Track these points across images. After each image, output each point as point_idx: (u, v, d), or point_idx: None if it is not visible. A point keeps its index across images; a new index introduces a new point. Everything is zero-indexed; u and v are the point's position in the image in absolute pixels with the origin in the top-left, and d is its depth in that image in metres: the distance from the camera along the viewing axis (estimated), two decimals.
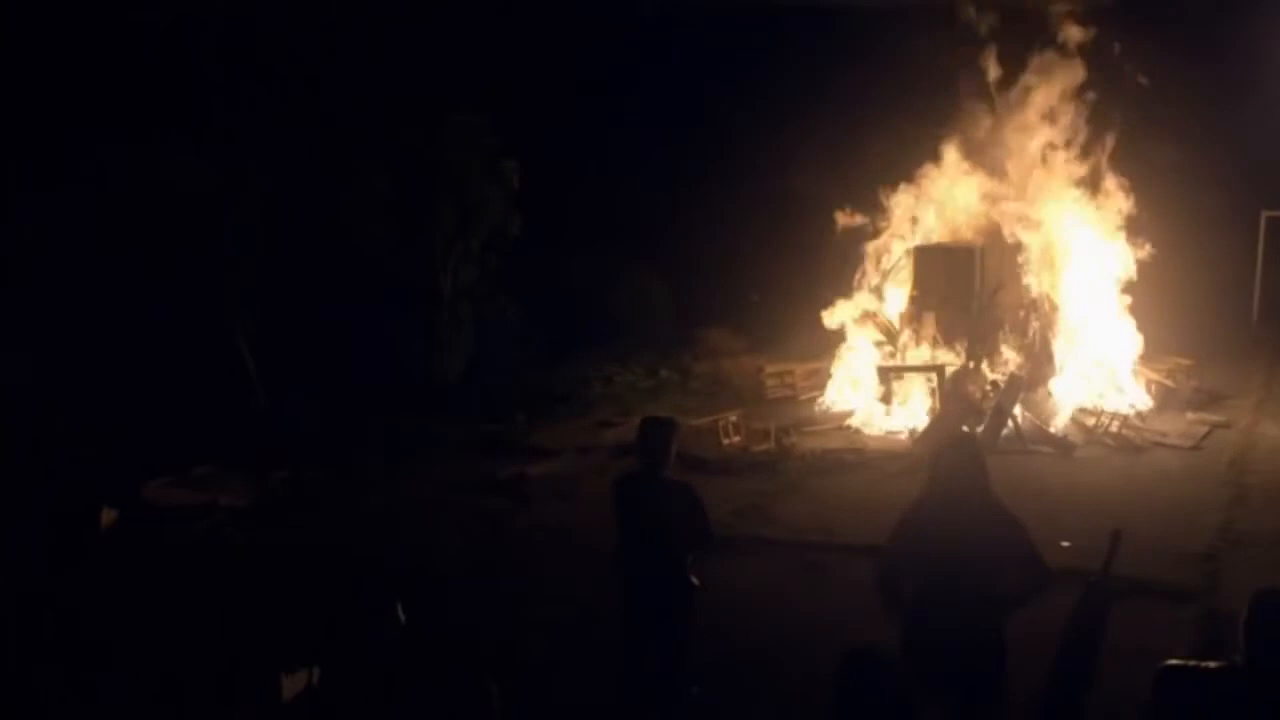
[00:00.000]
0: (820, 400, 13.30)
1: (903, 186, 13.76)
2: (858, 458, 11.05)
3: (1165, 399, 12.81)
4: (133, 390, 11.94)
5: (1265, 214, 19.53)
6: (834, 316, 13.62)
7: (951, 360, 12.13)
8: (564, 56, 18.49)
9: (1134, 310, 13.31)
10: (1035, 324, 12.40)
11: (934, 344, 12.46)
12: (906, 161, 13.90)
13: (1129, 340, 12.87)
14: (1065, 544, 8.56)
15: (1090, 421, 11.72)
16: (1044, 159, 13.44)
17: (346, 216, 13.93)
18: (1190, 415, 12.39)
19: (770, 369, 14.22)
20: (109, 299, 12.46)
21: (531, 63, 16.95)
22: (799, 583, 7.87)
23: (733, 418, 11.96)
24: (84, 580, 7.79)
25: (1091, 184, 13.42)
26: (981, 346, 12.16)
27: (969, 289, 12.46)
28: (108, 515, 9.07)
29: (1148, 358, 13.32)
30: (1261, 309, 19.34)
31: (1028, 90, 13.27)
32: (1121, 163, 13.72)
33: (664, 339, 17.37)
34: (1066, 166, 13.40)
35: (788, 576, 7.96)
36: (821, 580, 7.80)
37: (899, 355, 12.69)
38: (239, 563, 8.30)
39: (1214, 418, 12.30)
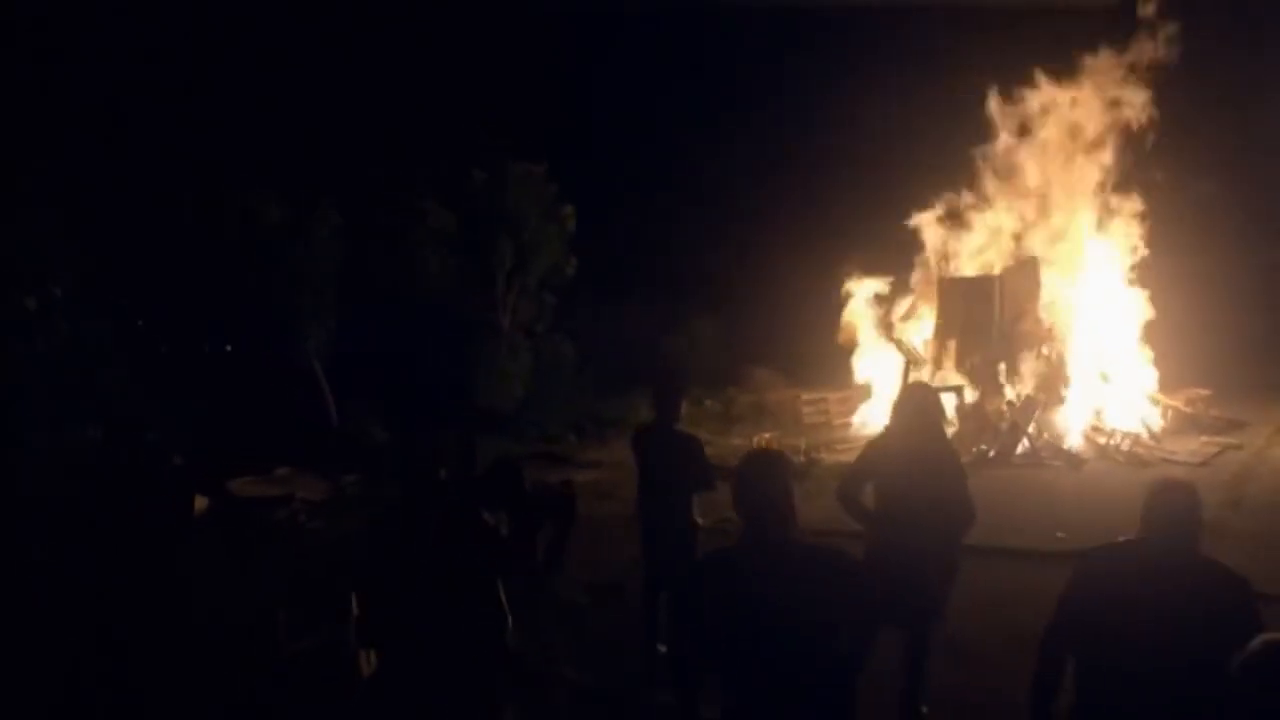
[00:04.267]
0: (851, 422, 14.14)
1: (929, 219, 14.63)
2: None
3: (1182, 424, 13.42)
4: (223, 407, 13.20)
5: None
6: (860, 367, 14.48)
7: (970, 382, 12.92)
8: (619, 112, 19.80)
9: (1163, 342, 13.94)
10: (1052, 349, 13.13)
11: (956, 367, 13.24)
12: (936, 188, 14.75)
13: (1145, 366, 13.52)
14: (1060, 535, 9.36)
15: (1102, 440, 12.40)
16: (1072, 189, 14.19)
17: (416, 253, 15.18)
18: (1204, 438, 12.99)
19: (806, 397, 15.10)
20: (204, 329, 13.80)
21: (588, 114, 18.26)
22: None
23: (766, 435, 12.87)
24: (183, 547, 8.90)
25: (1120, 214, 14.10)
26: (1000, 369, 12.92)
27: (989, 317, 13.26)
28: (200, 502, 10.21)
29: (1168, 387, 13.97)
30: None
31: (1059, 119, 14.09)
32: (1156, 193, 14.39)
33: (714, 376, 18.32)
34: (1095, 198, 14.13)
35: None
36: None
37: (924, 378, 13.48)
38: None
39: (1227, 440, 12.88)
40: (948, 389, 12.97)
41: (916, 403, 5.50)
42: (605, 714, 6.20)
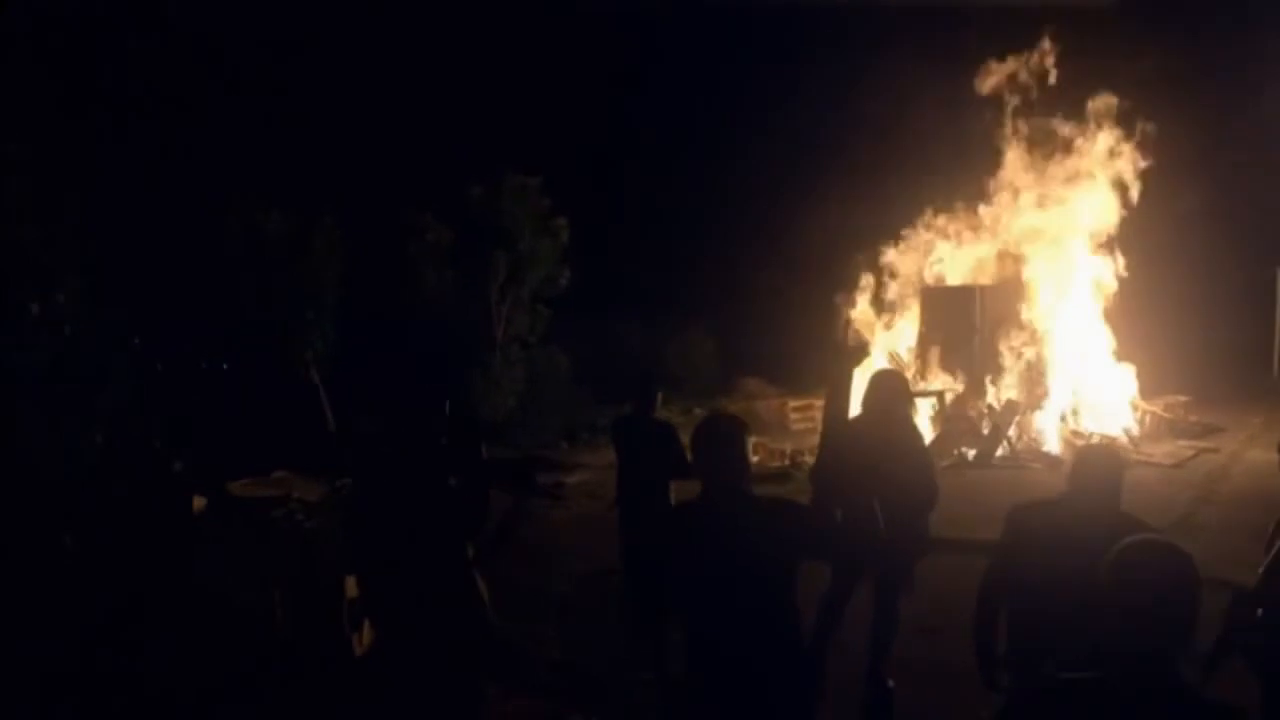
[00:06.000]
0: None
1: (912, 228, 14.97)
2: None
3: (1161, 428, 13.72)
4: (222, 416, 13.46)
5: None
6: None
7: (953, 386, 13.23)
8: (616, 127, 20.16)
9: (1145, 350, 14.25)
10: (1032, 355, 13.44)
11: (939, 373, 13.55)
12: (921, 197, 15.08)
13: (1123, 373, 13.82)
14: None
15: (1080, 443, 12.67)
16: (1055, 197, 14.52)
17: (412, 263, 15.52)
18: (1182, 441, 13.29)
19: (793, 403, 15.40)
20: (202, 346, 14.07)
21: (583, 128, 18.61)
22: None
23: (753, 440, 13.13)
24: (182, 543, 9.18)
25: (1101, 223, 14.40)
26: (981, 375, 13.23)
27: (971, 325, 13.58)
28: (198, 502, 10.48)
29: (1149, 393, 14.27)
30: None
31: (1046, 129, 14.46)
32: (1141, 204, 14.71)
33: (708, 387, 18.65)
34: (1077, 208, 14.44)
35: None
36: None
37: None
38: None
39: (1203, 444, 13.19)
40: (931, 394, 13.30)
41: (882, 387, 5.82)
42: (587, 690, 6.47)
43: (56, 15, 8.57)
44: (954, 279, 14.71)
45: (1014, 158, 14.75)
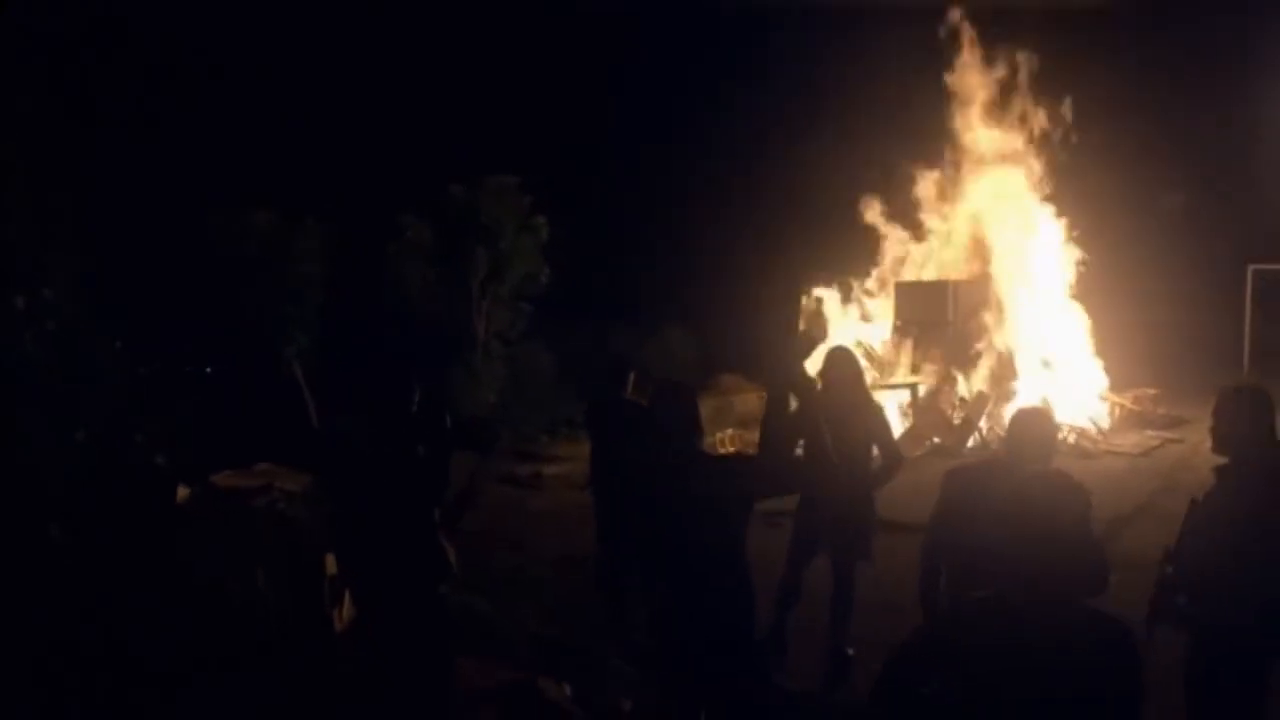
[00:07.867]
0: None
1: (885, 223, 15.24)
2: None
3: (1129, 420, 14.00)
4: (205, 412, 13.59)
5: (1252, 267, 20.65)
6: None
7: (926, 379, 13.49)
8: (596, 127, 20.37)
9: (1119, 345, 14.53)
10: (1002, 349, 13.72)
11: (913, 367, 13.81)
12: (891, 195, 15.35)
13: (1094, 366, 14.11)
14: None
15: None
16: (1029, 194, 14.82)
17: (393, 261, 15.70)
18: (1149, 432, 13.58)
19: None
20: (187, 348, 14.22)
21: (563, 129, 18.81)
22: (761, 532, 9.23)
23: (729, 432, 13.42)
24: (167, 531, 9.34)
25: (1071, 216, 14.69)
26: (954, 368, 13.50)
27: (944, 319, 13.84)
28: (182, 491, 10.64)
29: (1119, 386, 14.56)
30: (1252, 359, 20.33)
31: (1020, 121, 14.75)
32: (1119, 203, 14.98)
33: (688, 382, 18.80)
34: (1048, 201, 14.73)
35: (753, 529, 9.34)
36: (776, 530, 9.16)
37: (881, 376, 14.06)
38: None
39: (1169, 434, 13.48)
40: (904, 386, 13.56)
41: (836, 363, 6.06)
42: (562, 660, 6.68)
43: (52, 16, 8.73)
44: (926, 273, 14.99)
45: (981, 152, 15.03)
